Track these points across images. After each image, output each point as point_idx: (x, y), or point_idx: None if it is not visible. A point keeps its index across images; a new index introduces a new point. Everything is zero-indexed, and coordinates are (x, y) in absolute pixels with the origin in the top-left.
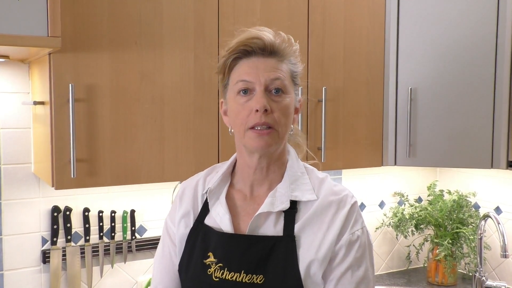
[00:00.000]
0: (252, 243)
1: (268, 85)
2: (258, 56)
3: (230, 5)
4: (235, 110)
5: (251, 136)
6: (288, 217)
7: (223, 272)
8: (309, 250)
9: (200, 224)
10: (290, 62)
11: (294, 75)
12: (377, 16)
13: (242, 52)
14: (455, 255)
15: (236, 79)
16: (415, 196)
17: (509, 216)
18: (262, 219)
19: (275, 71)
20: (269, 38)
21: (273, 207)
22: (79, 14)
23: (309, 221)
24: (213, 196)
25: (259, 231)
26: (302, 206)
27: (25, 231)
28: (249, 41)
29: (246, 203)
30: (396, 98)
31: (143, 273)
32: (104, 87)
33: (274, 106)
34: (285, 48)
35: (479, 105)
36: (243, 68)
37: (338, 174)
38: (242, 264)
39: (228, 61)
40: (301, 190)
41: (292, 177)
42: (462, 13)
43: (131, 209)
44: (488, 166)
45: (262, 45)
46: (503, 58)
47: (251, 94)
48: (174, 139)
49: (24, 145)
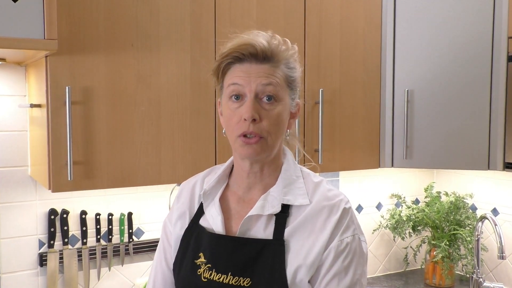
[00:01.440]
0: (240, 245)
1: (259, 92)
2: (251, 62)
3: (227, 7)
4: (227, 115)
5: (240, 143)
6: (279, 221)
7: (211, 273)
8: (298, 255)
9: (194, 225)
10: (286, 66)
11: (290, 80)
12: (374, 17)
13: (234, 58)
14: (452, 257)
15: (228, 82)
16: (412, 197)
17: (506, 218)
18: (252, 222)
19: (267, 77)
20: (262, 44)
21: (263, 210)
22: (76, 17)
23: (299, 226)
24: (208, 198)
25: (249, 234)
26: (294, 210)
27: (22, 234)
28: (241, 47)
29: (239, 205)
30: (392, 100)
31: (141, 276)
32: (101, 89)
33: (264, 114)
34: (280, 53)
35: (476, 107)
36: (236, 72)
37: (335, 176)
38: (229, 265)
39: (221, 65)
40: (294, 194)
41: (286, 180)
42: (458, 15)
43: (129, 212)
44: (485, 167)
45: (254, 52)
46: (499, 60)
47: (242, 101)
48: (170, 141)
49: (21, 147)
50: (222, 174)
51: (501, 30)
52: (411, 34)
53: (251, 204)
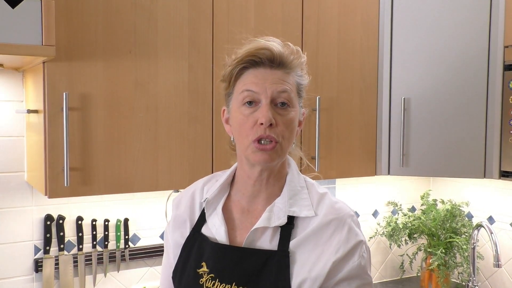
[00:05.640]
0: (245, 256)
1: (275, 98)
2: (266, 67)
3: (224, 15)
4: (239, 121)
5: (254, 149)
6: (284, 232)
7: (214, 283)
8: (303, 267)
9: (196, 233)
10: (296, 74)
11: (300, 88)
12: (371, 26)
13: (250, 62)
14: (448, 265)
15: (241, 88)
16: (408, 205)
17: (501, 226)
18: (258, 234)
19: (282, 84)
20: (278, 49)
21: (269, 222)
22: (74, 23)
23: (306, 238)
24: (210, 207)
25: (255, 245)
26: (300, 222)
27: (17, 240)
28: (258, 51)
29: (243, 216)
30: (389, 108)
31: (136, 282)
32: (98, 96)
33: (279, 119)
34: (293, 60)
35: (472, 115)
36: (250, 78)
37: (332, 183)
38: (233, 276)
39: (234, 70)
40: (299, 205)
41: (291, 191)
42: (455, 24)
43: (125, 218)
44: (481, 176)
45: (271, 56)
46: (495, 68)
47: (256, 106)
48: (168, 148)
49: (17, 153)
50: (224, 183)
51: (497, 40)
52: (408, 43)
53: (255, 214)
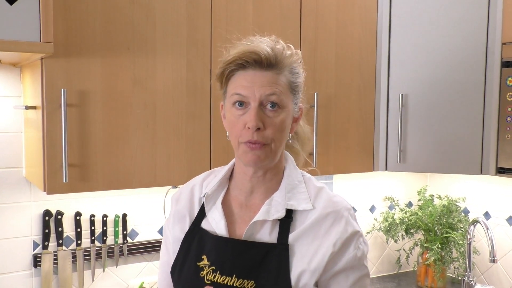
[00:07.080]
0: (246, 249)
1: (263, 101)
2: (255, 69)
3: (223, 11)
4: (230, 122)
5: (244, 149)
6: (283, 225)
7: (215, 275)
8: (302, 260)
9: (196, 228)
10: (290, 72)
11: (293, 86)
12: (369, 22)
13: (238, 65)
14: (444, 260)
15: (231, 91)
16: (405, 200)
17: (497, 221)
18: (257, 227)
19: (271, 87)
20: (266, 52)
21: (268, 215)
22: (72, 20)
23: (304, 231)
24: (210, 201)
25: (255, 238)
26: (298, 215)
27: (16, 235)
28: (245, 55)
29: (242, 210)
30: (387, 104)
31: (135, 277)
32: (97, 92)
33: (268, 121)
34: (284, 59)
35: (469, 112)
36: (239, 81)
37: (329, 178)
38: (234, 268)
39: (225, 71)
40: (297, 199)
41: (289, 185)
42: (453, 21)
43: (123, 213)
44: (478, 172)
45: (258, 60)
46: (492, 65)
47: (246, 108)
48: (166, 144)
49: (16, 149)
50: (223, 178)
51: (495, 36)
52: (406, 39)
53: (254, 209)
